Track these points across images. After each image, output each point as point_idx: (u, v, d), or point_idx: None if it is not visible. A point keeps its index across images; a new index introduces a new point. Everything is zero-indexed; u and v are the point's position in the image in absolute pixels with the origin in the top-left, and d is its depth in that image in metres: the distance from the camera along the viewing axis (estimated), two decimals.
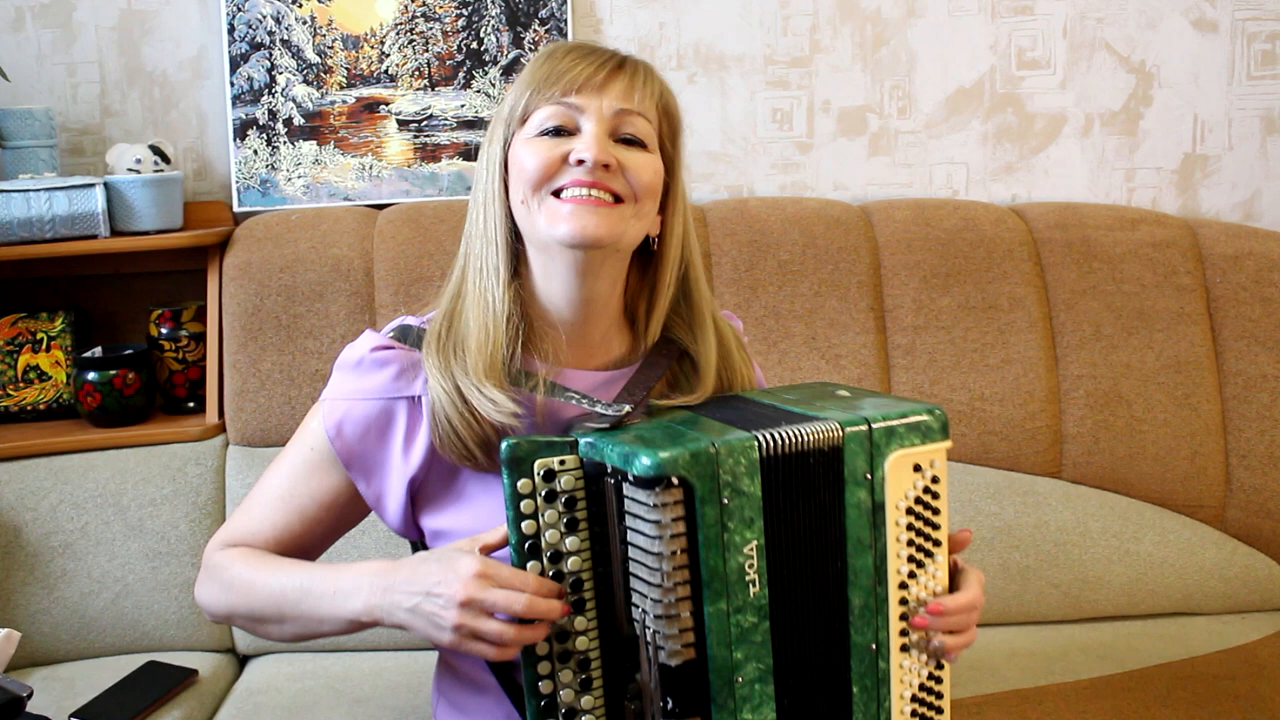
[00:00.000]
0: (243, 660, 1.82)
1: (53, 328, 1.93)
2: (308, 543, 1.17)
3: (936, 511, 1.04)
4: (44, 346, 1.93)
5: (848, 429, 1.00)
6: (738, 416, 1.04)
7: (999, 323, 1.89)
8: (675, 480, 0.92)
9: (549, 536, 0.98)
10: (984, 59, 2.09)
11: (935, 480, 1.04)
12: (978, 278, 1.90)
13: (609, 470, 0.96)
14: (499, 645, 0.97)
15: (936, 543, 1.04)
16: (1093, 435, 1.88)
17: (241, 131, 2.00)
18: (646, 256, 1.17)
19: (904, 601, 1.03)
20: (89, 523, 1.76)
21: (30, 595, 1.74)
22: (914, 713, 1.06)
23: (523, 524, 0.98)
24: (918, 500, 1.03)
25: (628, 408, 1.05)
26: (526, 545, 0.98)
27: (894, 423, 1.01)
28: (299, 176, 2.02)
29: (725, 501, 0.94)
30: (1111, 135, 2.12)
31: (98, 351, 1.88)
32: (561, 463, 0.99)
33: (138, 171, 1.86)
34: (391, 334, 1.16)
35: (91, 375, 1.82)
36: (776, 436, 0.97)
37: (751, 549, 0.94)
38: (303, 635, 1.12)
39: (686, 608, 0.94)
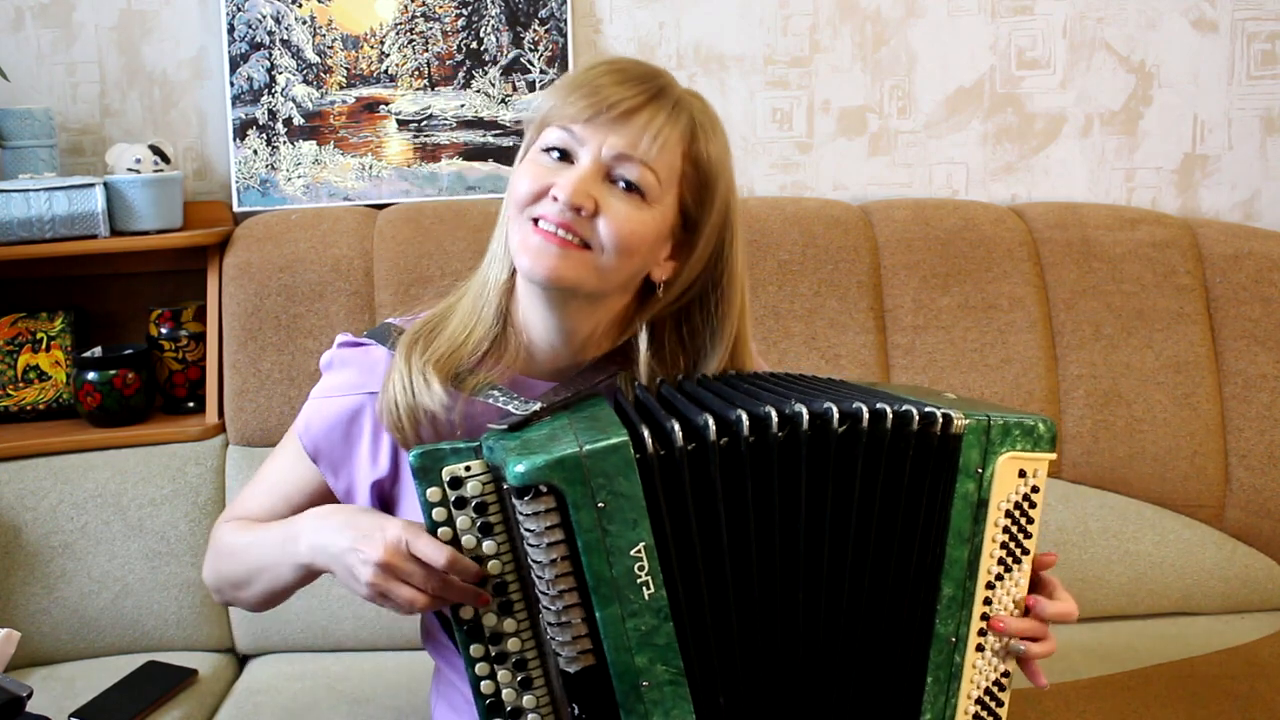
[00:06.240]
0: (243, 660, 1.82)
1: (53, 328, 1.93)
2: None
3: (1031, 520, 1.05)
4: (44, 346, 1.93)
5: (970, 419, 1.00)
6: (739, 395, 1.00)
7: (999, 322, 1.89)
8: (544, 488, 0.88)
9: (466, 542, 0.96)
10: (984, 59, 2.09)
11: (1035, 490, 1.05)
12: (977, 278, 1.90)
13: (502, 475, 0.94)
14: (408, 609, 0.97)
15: (1025, 551, 1.06)
16: (1092, 435, 1.88)
17: (241, 131, 2.00)
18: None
19: (987, 601, 1.04)
20: (89, 523, 1.76)
21: (30, 595, 1.74)
22: (976, 715, 1.06)
23: (439, 532, 0.96)
24: (1016, 505, 1.04)
25: (536, 406, 1.01)
26: None
27: (1011, 421, 1.02)
28: (299, 176, 2.02)
29: (601, 505, 0.89)
30: (1111, 135, 2.12)
31: (98, 351, 1.88)
32: (467, 468, 0.96)
33: (137, 171, 1.86)
34: (367, 333, 1.18)
35: (91, 375, 1.82)
36: (662, 432, 0.93)
37: (640, 551, 0.91)
38: (269, 593, 1.15)
39: (578, 614, 0.91)
